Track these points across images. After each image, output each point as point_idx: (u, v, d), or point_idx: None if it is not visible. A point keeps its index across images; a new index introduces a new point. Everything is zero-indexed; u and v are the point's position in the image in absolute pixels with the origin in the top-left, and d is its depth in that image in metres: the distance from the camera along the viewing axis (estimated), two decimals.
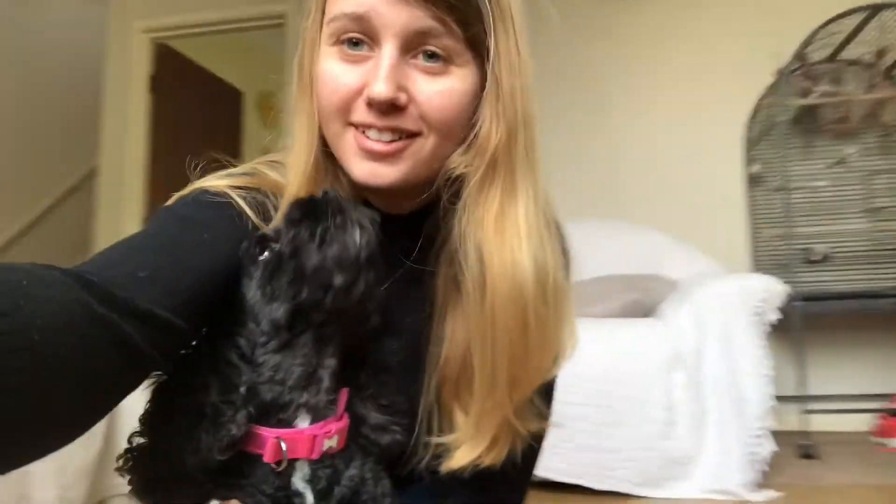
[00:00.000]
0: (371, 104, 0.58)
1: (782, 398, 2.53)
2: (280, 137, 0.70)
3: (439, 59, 0.58)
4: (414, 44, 0.58)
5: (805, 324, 2.42)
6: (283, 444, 0.53)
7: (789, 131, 2.72)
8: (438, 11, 0.56)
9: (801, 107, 2.75)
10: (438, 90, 0.59)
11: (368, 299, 0.56)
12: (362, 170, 0.60)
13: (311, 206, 0.56)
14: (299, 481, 0.53)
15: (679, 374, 1.86)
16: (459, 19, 0.57)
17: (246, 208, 0.60)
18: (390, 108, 0.58)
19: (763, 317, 1.87)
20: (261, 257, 0.56)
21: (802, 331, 2.37)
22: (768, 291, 1.89)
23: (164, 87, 3.78)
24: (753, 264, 2.89)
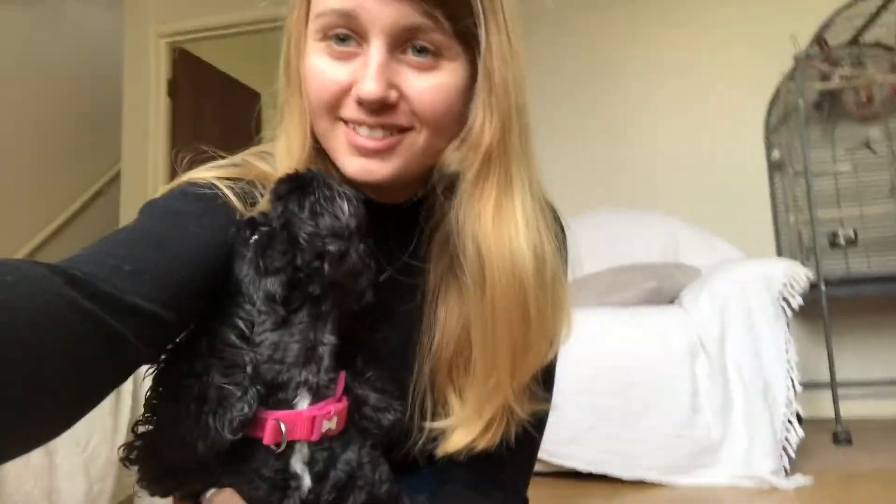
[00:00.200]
0: (361, 103, 0.57)
1: (814, 384, 2.52)
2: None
3: (429, 53, 0.57)
4: (402, 39, 0.57)
5: (833, 309, 2.40)
6: (282, 426, 0.52)
7: (810, 116, 2.69)
8: (427, 6, 0.55)
9: (822, 91, 2.72)
10: (429, 85, 0.58)
11: (361, 272, 0.55)
12: (354, 166, 0.60)
13: (297, 181, 0.55)
14: (298, 463, 0.53)
15: (702, 361, 1.86)
16: (449, 13, 0.56)
17: (233, 199, 0.59)
18: (381, 106, 0.57)
19: (786, 301, 1.86)
20: (252, 238, 0.55)
21: (831, 316, 2.35)
22: (790, 276, 1.87)
23: (182, 91, 3.83)
24: (778, 251, 2.86)
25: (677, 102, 3.04)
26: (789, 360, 1.83)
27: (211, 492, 0.53)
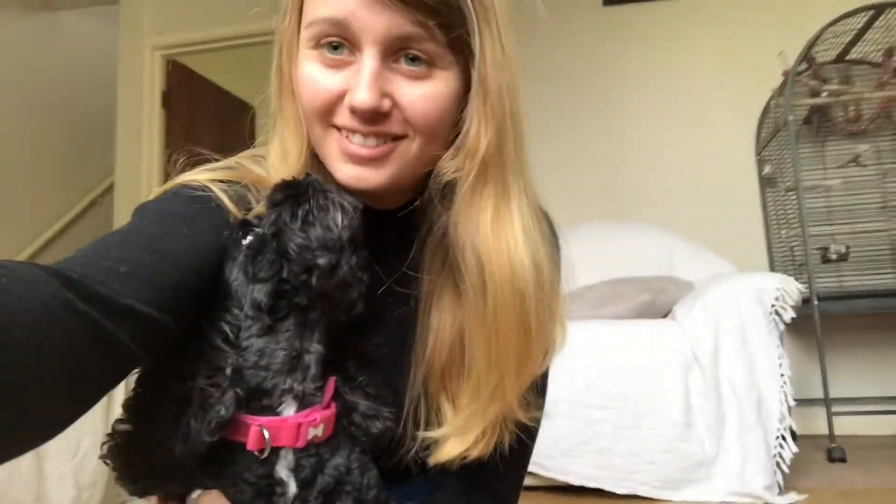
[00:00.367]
0: (354, 111, 0.57)
1: (808, 401, 2.51)
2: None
3: (422, 62, 0.57)
4: (395, 48, 0.57)
5: (826, 325, 2.40)
6: (265, 432, 0.52)
7: (799, 131, 2.71)
8: (420, 16, 0.55)
9: (812, 107, 2.75)
10: (422, 94, 0.58)
11: (352, 284, 0.55)
12: (347, 174, 0.60)
13: (293, 188, 0.55)
14: (283, 469, 0.52)
15: (695, 376, 1.86)
16: (441, 23, 0.56)
17: (227, 201, 0.59)
18: (374, 114, 0.57)
19: (778, 315, 1.86)
20: (244, 241, 0.55)
21: (824, 332, 2.35)
22: (782, 290, 1.88)
23: (176, 103, 3.83)
24: (770, 265, 2.87)
25: (671, 117, 3.07)
26: (783, 375, 1.83)
27: (197, 493, 0.52)
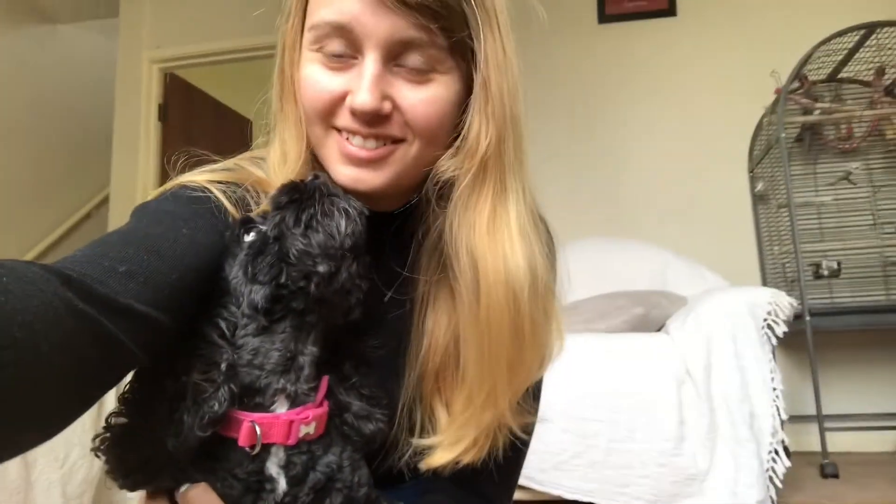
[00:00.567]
0: (355, 113, 0.58)
1: (801, 417, 2.51)
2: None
3: (423, 66, 0.58)
4: (397, 52, 0.57)
5: (819, 342, 2.40)
6: (257, 428, 0.52)
7: (792, 149, 2.74)
8: (422, 20, 0.55)
9: (804, 125, 2.78)
10: (423, 98, 0.58)
11: (350, 291, 0.55)
12: (346, 175, 0.60)
13: (297, 191, 0.55)
14: (273, 466, 0.53)
15: (688, 389, 1.86)
16: (444, 27, 0.56)
17: (226, 202, 0.60)
18: (374, 117, 0.57)
19: (770, 330, 1.87)
20: (246, 238, 0.55)
21: (816, 348, 2.35)
22: (774, 304, 1.89)
23: (173, 116, 3.84)
24: (763, 281, 2.88)
25: (665, 134, 3.09)
26: (775, 389, 1.83)
27: (185, 486, 0.52)
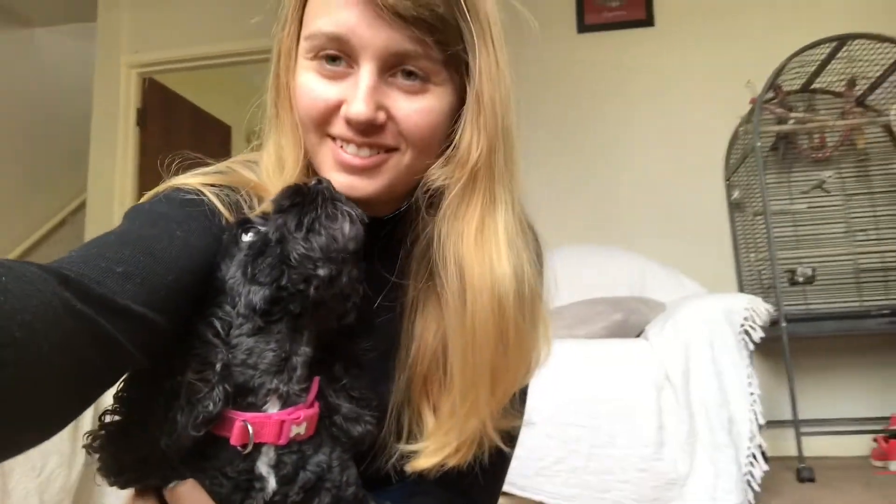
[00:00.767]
0: (350, 122, 0.58)
1: (778, 422, 2.55)
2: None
3: (418, 77, 0.59)
4: (392, 64, 0.58)
5: (794, 348, 2.45)
6: (249, 428, 0.52)
7: (767, 158, 2.79)
8: (418, 33, 0.56)
9: (778, 134, 2.83)
10: (417, 108, 0.59)
11: (349, 295, 0.56)
12: (340, 182, 0.61)
13: (300, 194, 0.56)
14: (263, 466, 0.53)
15: (667, 395, 1.88)
16: (439, 40, 0.57)
17: (219, 205, 0.60)
18: (369, 126, 0.58)
19: (748, 335, 1.90)
20: (244, 238, 0.55)
21: (792, 354, 2.40)
22: (751, 310, 1.92)
23: (151, 121, 3.79)
24: (739, 288, 2.92)
25: (642, 143, 3.13)
26: (752, 394, 1.86)
27: (173, 483, 0.52)
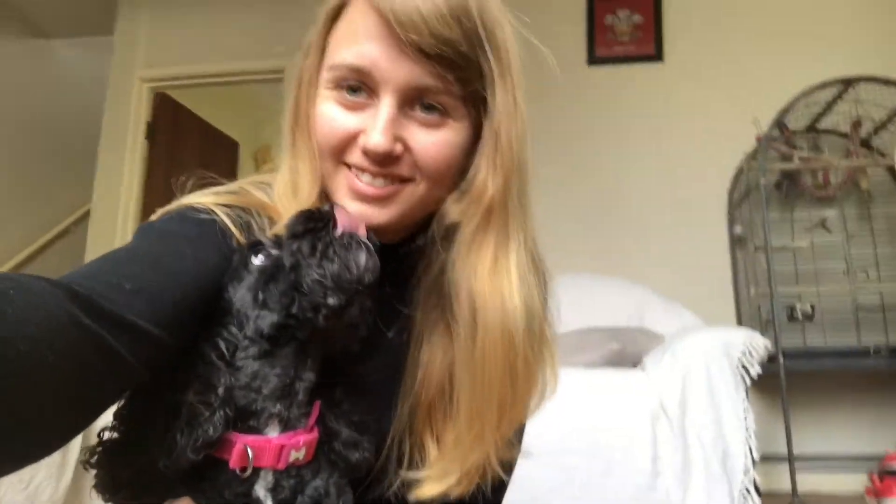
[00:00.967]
0: (367, 153, 0.59)
1: (773, 457, 2.52)
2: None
3: (436, 111, 0.60)
4: (412, 97, 0.59)
5: (791, 383, 2.43)
6: (249, 451, 0.52)
7: (770, 194, 2.80)
8: (440, 69, 0.57)
9: (782, 171, 2.85)
10: (433, 141, 0.60)
11: (358, 325, 0.56)
12: (353, 210, 0.61)
13: (314, 221, 0.56)
14: (261, 489, 0.53)
15: (663, 426, 1.86)
16: (460, 77, 0.58)
17: (231, 225, 0.61)
18: (386, 158, 0.59)
19: (745, 370, 1.89)
20: (255, 261, 0.55)
21: (789, 389, 2.38)
22: (749, 344, 1.91)
23: (160, 135, 3.83)
24: (738, 321, 2.92)
25: (648, 175, 3.15)
26: (748, 428, 1.84)
27: (167, 502, 0.52)
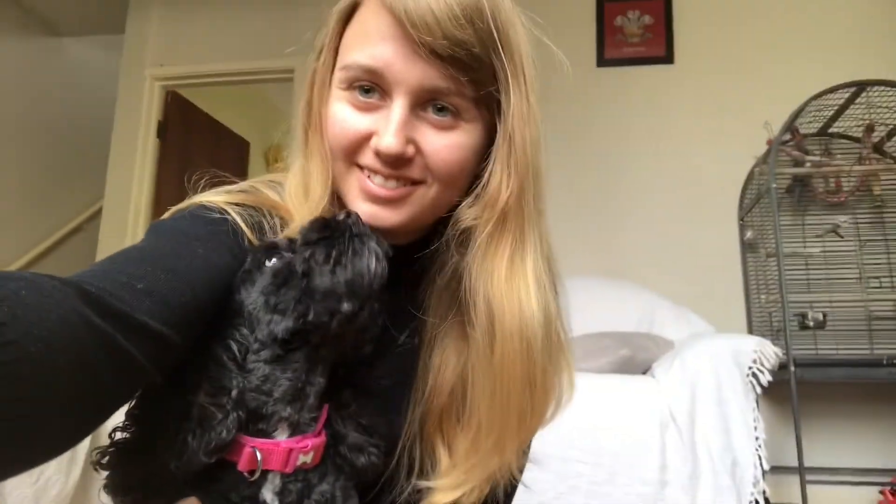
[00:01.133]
0: (379, 154, 0.59)
1: (783, 468, 2.49)
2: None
3: (449, 113, 0.60)
4: (425, 99, 0.59)
5: (803, 394, 2.40)
6: (258, 454, 0.52)
7: (782, 199, 2.78)
8: (453, 71, 0.57)
9: (794, 176, 2.83)
10: (446, 143, 0.60)
11: (368, 329, 0.56)
12: (364, 211, 0.61)
13: (328, 228, 0.56)
14: (268, 493, 0.53)
15: (672, 434, 1.85)
16: (473, 79, 0.58)
17: (242, 225, 0.61)
18: (398, 159, 0.59)
19: (755, 378, 1.87)
20: (268, 263, 0.55)
21: (800, 399, 2.35)
22: (759, 353, 1.89)
23: (171, 133, 3.85)
24: (749, 329, 2.89)
25: (658, 179, 3.13)
26: (757, 438, 1.82)
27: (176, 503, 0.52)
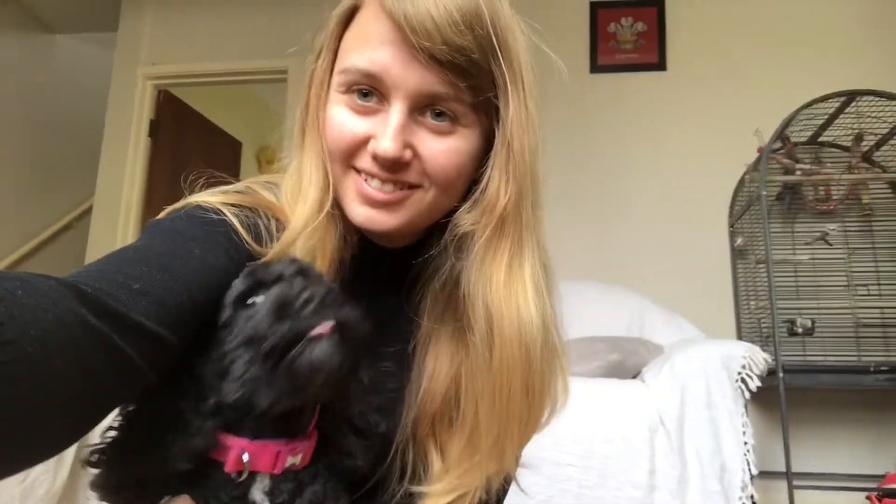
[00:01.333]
0: (376, 158, 0.59)
1: (771, 473, 2.51)
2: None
3: (447, 118, 0.60)
4: (423, 104, 0.59)
5: (791, 398, 2.42)
6: (245, 456, 0.52)
7: (772, 207, 2.80)
8: (452, 77, 0.57)
9: (784, 184, 2.85)
10: (443, 149, 0.60)
11: (340, 382, 0.54)
12: (361, 214, 0.62)
13: (286, 308, 0.52)
14: (258, 493, 0.53)
15: (661, 439, 1.85)
16: (472, 85, 0.58)
17: (238, 226, 0.60)
18: (395, 164, 0.59)
19: (744, 384, 1.88)
20: (250, 300, 0.53)
21: (788, 405, 2.37)
22: (748, 359, 1.90)
23: (163, 132, 3.83)
24: (738, 335, 2.90)
25: (649, 184, 3.14)
26: (746, 444, 1.83)
27: (166, 499, 0.52)
